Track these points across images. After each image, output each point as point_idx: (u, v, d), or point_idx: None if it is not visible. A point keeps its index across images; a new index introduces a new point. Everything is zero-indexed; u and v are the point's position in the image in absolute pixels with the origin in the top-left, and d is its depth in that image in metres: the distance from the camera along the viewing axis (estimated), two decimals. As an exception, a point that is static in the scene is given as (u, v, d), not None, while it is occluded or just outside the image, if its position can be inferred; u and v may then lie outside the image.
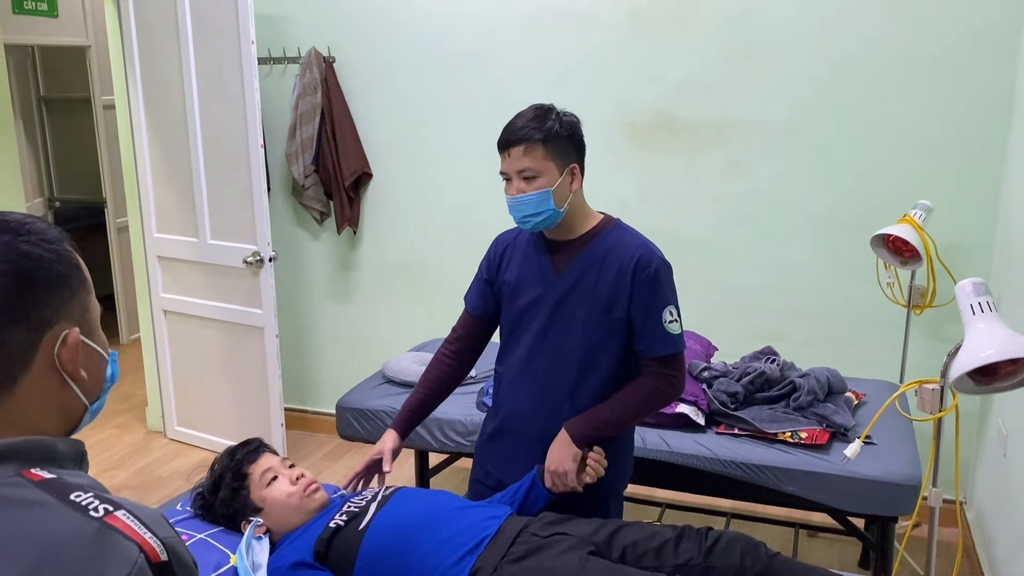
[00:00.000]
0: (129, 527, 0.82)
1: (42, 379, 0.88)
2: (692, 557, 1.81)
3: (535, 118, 1.94)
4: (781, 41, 3.24)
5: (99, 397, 0.96)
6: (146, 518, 0.84)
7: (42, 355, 0.88)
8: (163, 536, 0.84)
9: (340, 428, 3.05)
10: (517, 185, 1.95)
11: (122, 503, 0.85)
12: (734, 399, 2.74)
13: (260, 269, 3.57)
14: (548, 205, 1.94)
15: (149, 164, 3.89)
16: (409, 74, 3.77)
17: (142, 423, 4.38)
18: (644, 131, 3.46)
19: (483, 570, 1.78)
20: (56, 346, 0.89)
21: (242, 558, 1.89)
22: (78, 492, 0.84)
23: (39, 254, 0.87)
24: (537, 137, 1.92)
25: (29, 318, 0.86)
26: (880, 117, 3.17)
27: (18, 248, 0.86)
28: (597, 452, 2.03)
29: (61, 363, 0.89)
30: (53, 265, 0.88)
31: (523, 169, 1.93)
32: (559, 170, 1.95)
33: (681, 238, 3.38)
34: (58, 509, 0.82)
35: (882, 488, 2.40)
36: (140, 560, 0.80)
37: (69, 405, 0.92)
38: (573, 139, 1.98)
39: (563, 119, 1.96)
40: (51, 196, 5.92)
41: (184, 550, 0.87)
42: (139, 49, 3.77)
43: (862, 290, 3.27)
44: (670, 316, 1.98)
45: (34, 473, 0.85)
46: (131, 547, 0.80)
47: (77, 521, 0.81)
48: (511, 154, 1.95)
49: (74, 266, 0.92)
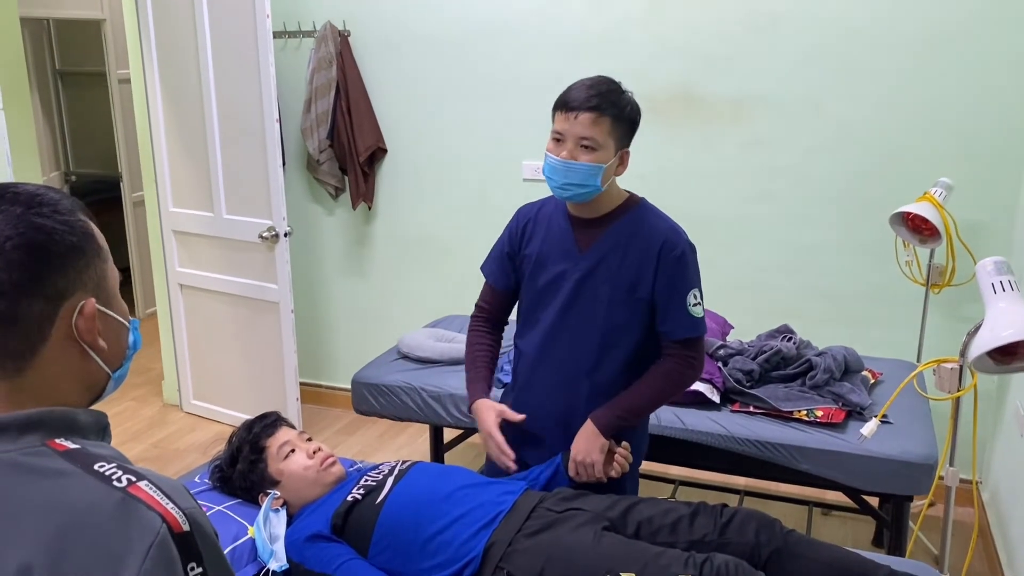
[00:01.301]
0: (152, 497, 0.83)
1: (62, 350, 0.89)
2: (707, 533, 1.82)
3: (611, 91, 1.89)
4: (804, 15, 3.19)
5: (121, 365, 0.97)
6: (168, 489, 0.85)
7: (60, 326, 0.88)
8: (185, 507, 0.85)
9: (355, 403, 3.07)
10: (571, 150, 1.89)
11: (145, 474, 0.86)
12: (749, 377, 2.73)
13: (275, 244, 3.58)
14: (595, 180, 1.91)
15: (165, 138, 3.89)
16: (424, 48, 3.75)
17: (158, 396, 4.42)
18: (663, 106, 3.43)
19: (498, 544, 1.79)
20: (73, 316, 0.89)
21: (259, 530, 1.91)
22: (101, 462, 0.85)
23: (51, 226, 0.87)
24: (610, 111, 1.87)
25: (45, 290, 0.87)
26: (903, 94, 3.13)
27: (30, 221, 0.86)
28: (625, 447, 2.03)
29: (79, 333, 0.90)
30: (66, 236, 0.88)
31: (585, 137, 1.87)
32: (615, 150, 1.92)
33: (699, 214, 3.36)
34: (82, 479, 0.83)
35: (898, 467, 2.39)
36: (162, 530, 0.81)
37: (91, 375, 0.93)
38: (634, 125, 1.96)
39: (633, 103, 1.94)
40: (67, 170, 5.94)
41: (205, 520, 0.87)
42: (154, 23, 3.76)
43: (880, 269, 3.24)
44: (694, 299, 1.97)
45: (58, 443, 0.86)
46: (153, 517, 0.81)
47: (101, 491, 0.82)
48: (577, 117, 1.87)
49: (88, 236, 0.92)
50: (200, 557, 0.83)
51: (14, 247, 0.84)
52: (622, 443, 2.04)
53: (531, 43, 3.57)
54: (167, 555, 0.80)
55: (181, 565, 0.81)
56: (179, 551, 0.81)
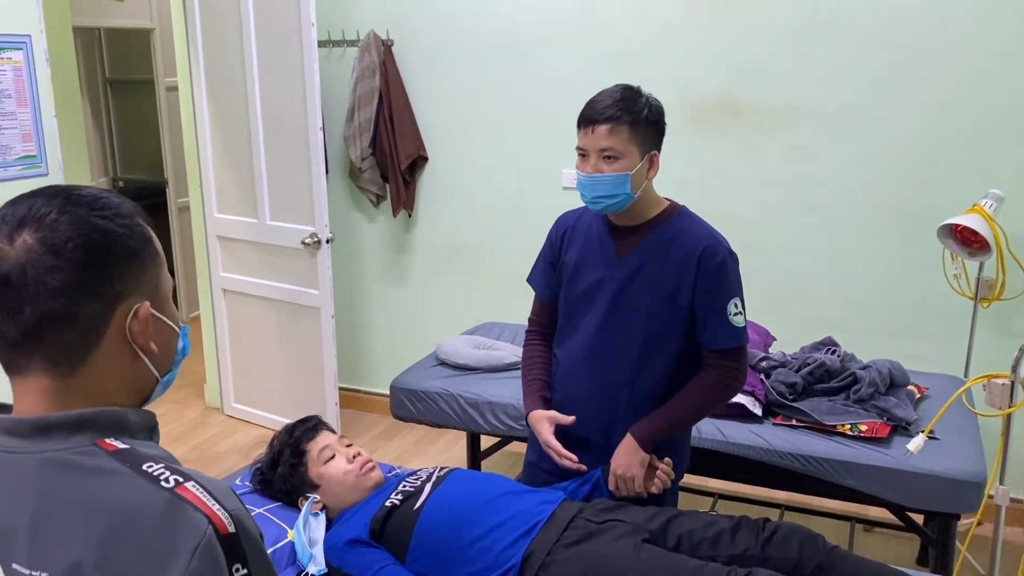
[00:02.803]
0: (198, 498, 0.84)
1: (114, 352, 0.90)
2: (749, 548, 1.79)
3: (624, 99, 1.89)
4: (848, 23, 3.15)
5: (170, 370, 0.98)
6: (215, 490, 0.86)
7: (114, 328, 0.90)
8: (231, 508, 0.85)
9: (394, 408, 3.08)
10: (595, 164, 1.90)
11: (192, 475, 0.87)
12: (792, 390, 2.69)
13: (317, 250, 3.61)
14: (624, 189, 1.90)
15: (210, 145, 3.95)
16: (466, 57, 3.77)
17: (200, 399, 4.48)
18: (704, 113, 3.40)
19: (536, 554, 1.78)
20: (128, 319, 0.90)
21: (299, 533, 1.93)
22: (150, 463, 0.86)
23: (112, 228, 0.89)
24: (625, 119, 1.87)
25: (102, 291, 0.88)
26: (952, 101, 3.07)
27: (91, 222, 0.88)
28: (667, 463, 2.01)
29: (132, 336, 0.91)
30: (125, 239, 0.90)
31: (605, 149, 1.88)
32: (640, 155, 1.91)
33: (740, 223, 3.31)
34: (131, 479, 0.84)
35: (945, 484, 2.33)
36: (209, 531, 0.82)
37: (140, 377, 0.94)
38: (658, 126, 1.94)
39: (651, 105, 1.92)
40: (114, 176, 6.07)
41: (251, 522, 0.88)
42: (202, 32, 3.83)
43: (926, 281, 3.18)
44: (735, 308, 1.95)
45: (108, 443, 0.87)
46: (200, 518, 0.82)
47: (149, 491, 0.83)
48: (594, 131, 1.89)
49: (146, 240, 0.93)
50: (245, 559, 0.84)
51: (75, 247, 0.86)
52: (664, 458, 2.02)
53: (572, 51, 3.57)
54: (213, 556, 0.81)
55: (226, 566, 0.82)
56: (224, 552, 0.82)
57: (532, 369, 2.18)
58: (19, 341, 0.87)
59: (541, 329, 2.21)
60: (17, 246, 0.85)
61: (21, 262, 0.85)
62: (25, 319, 0.85)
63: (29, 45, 2.86)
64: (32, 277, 0.84)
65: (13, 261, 0.85)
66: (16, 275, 0.84)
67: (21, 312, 0.85)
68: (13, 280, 0.85)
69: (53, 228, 0.86)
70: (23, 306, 0.85)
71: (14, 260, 0.85)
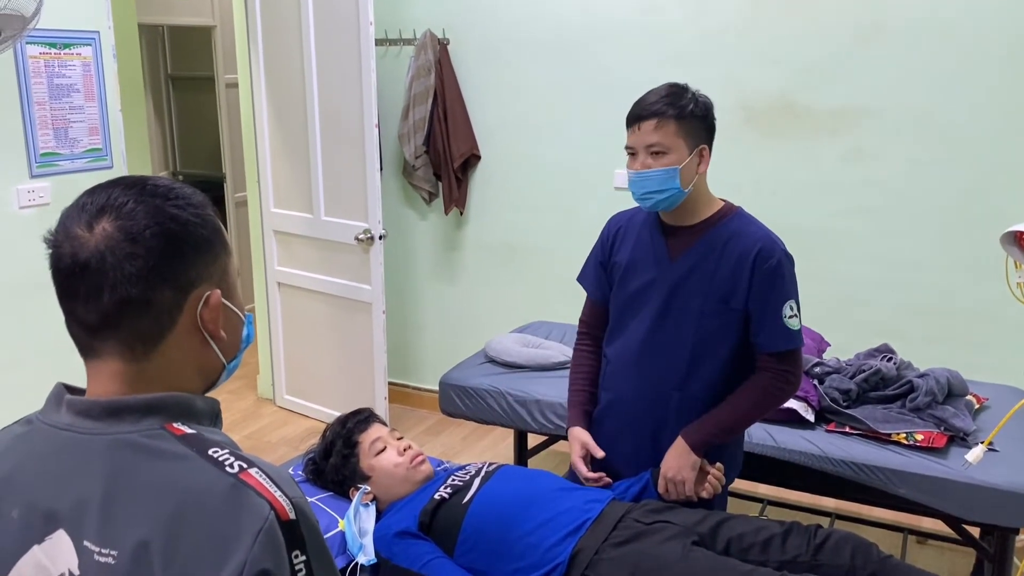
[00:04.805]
0: (261, 484, 0.85)
1: (185, 338, 0.93)
2: (800, 554, 1.77)
3: (670, 95, 1.90)
4: (910, 25, 3.08)
5: (235, 356, 1.01)
6: (277, 477, 0.88)
7: (186, 315, 0.92)
8: (292, 495, 0.87)
9: (442, 404, 3.10)
10: (643, 160, 1.90)
11: (255, 461, 0.89)
12: (846, 396, 2.65)
13: (370, 246, 3.66)
14: (673, 184, 1.89)
15: (268, 141, 4.02)
16: (520, 57, 3.78)
17: (253, 390, 4.57)
18: (761, 116, 3.36)
19: (584, 552, 1.79)
20: (199, 306, 0.93)
21: (350, 523, 1.96)
22: (216, 448, 0.88)
23: (186, 217, 0.92)
24: (671, 113, 1.87)
25: (177, 279, 0.91)
26: (1016, 105, 2.99)
27: (167, 211, 0.91)
28: (719, 468, 1.99)
29: (203, 323, 0.94)
30: (198, 228, 0.93)
31: (652, 144, 1.88)
32: (689, 149, 1.90)
33: (795, 227, 3.26)
34: (197, 463, 0.86)
35: (1005, 497, 2.27)
36: (271, 517, 0.83)
37: (208, 364, 0.97)
38: (706, 121, 1.93)
39: (698, 99, 1.92)
40: (174, 170, 6.21)
41: (310, 510, 0.89)
42: (262, 30, 3.90)
43: (987, 289, 3.09)
44: (790, 311, 1.93)
45: (176, 427, 0.90)
46: (262, 504, 0.84)
47: (214, 476, 0.85)
48: (641, 128, 1.90)
49: (217, 230, 0.96)
50: (304, 546, 0.86)
51: (152, 235, 0.89)
52: (716, 463, 2.00)
53: (628, 51, 3.56)
54: (274, 541, 0.83)
55: (286, 552, 0.84)
56: (285, 538, 0.84)
57: (579, 378, 2.19)
58: (97, 326, 0.89)
59: (591, 331, 2.21)
60: (96, 233, 0.88)
61: (100, 249, 0.88)
62: (104, 304, 0.88)
63: (97, 41, 2.94)
64: (111, 264, 0.87)
65: (93, 248, 0.88)
66: (96, 261, 0.87)
67: (100, 298, 0.88)
68: (93, 266, 0.88)
69: (131, 216, 0.89)
70: (102, 292, 0.88)
71: (94, 247, 0.88)
